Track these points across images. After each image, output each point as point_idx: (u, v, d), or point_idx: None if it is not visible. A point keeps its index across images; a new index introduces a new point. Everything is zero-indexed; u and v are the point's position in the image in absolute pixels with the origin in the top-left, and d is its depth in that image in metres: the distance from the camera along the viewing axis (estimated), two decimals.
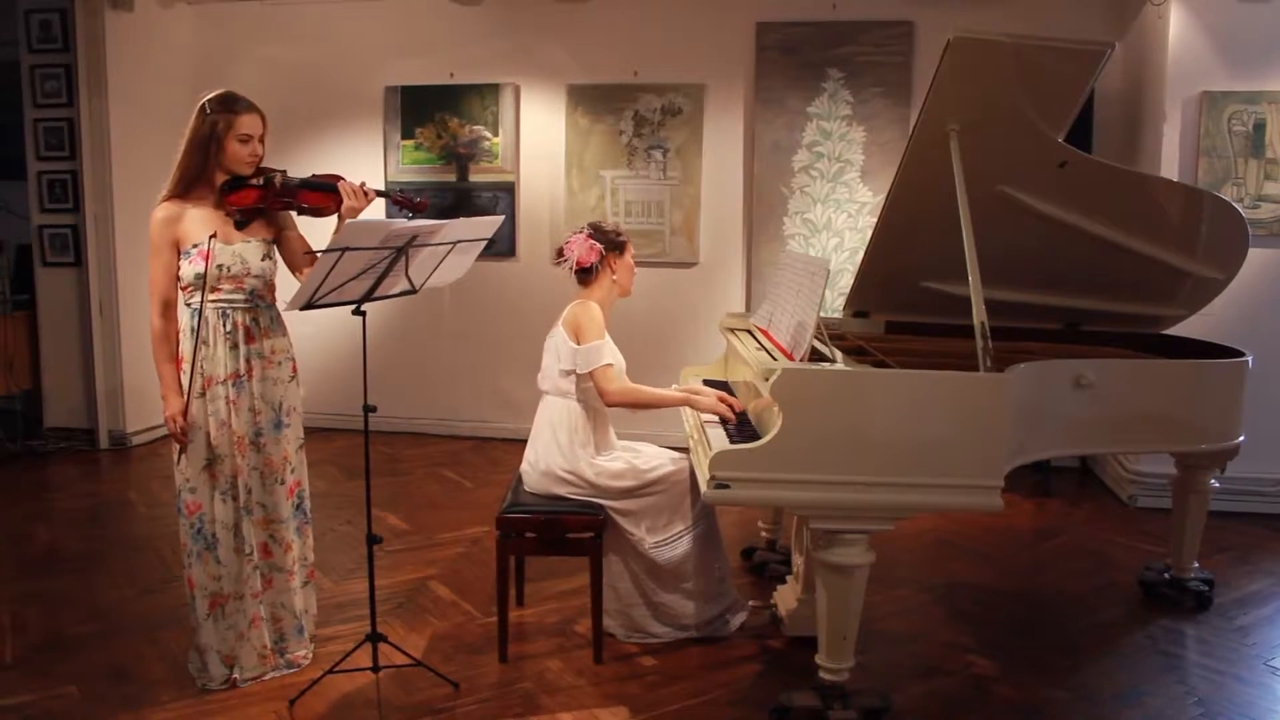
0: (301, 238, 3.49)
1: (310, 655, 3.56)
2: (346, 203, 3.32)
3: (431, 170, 6.98)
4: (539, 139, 6.88)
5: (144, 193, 6.66)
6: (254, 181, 3.34)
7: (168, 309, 3.33)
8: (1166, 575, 4.24)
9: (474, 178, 6.94)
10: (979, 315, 3.12)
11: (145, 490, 5.81)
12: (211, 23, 7.25)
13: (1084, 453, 5.64)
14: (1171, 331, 4.37)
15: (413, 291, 3.35)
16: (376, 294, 3.20)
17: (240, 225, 3.34)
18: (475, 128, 6.90)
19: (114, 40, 6.53)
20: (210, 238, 3.26)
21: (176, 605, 4.00)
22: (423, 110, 6.94)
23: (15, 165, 6.90)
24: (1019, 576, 4.54)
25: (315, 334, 6.63)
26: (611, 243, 3.73)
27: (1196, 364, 3.70)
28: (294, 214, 3.47)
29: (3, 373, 6.70)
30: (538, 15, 6.78)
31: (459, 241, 3.32)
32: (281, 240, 3.45)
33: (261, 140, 3.36)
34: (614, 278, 3.75)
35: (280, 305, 3.39)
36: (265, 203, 3.33)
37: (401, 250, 3.07)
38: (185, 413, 3.29)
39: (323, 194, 3.37)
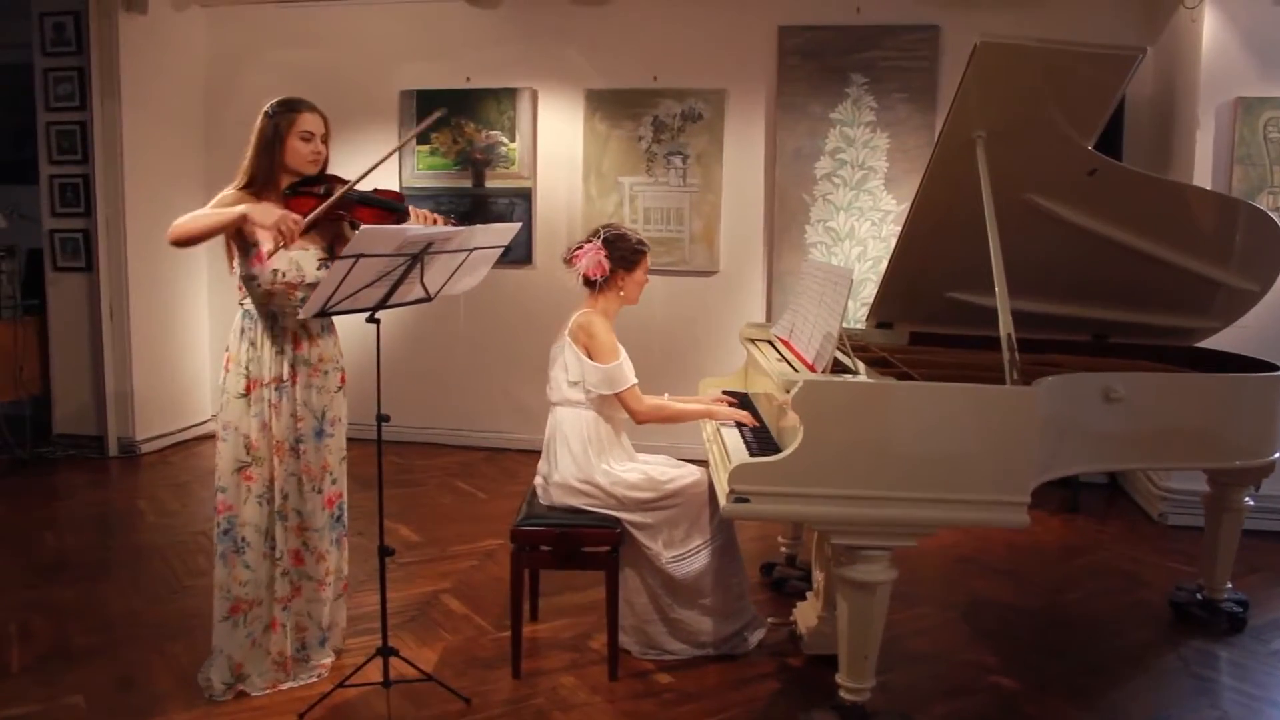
0: None
1: (330, 666, 3.58)
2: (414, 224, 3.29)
3: (447, 176, 7.01)
4: (556, 145, 6.90)
5: (156, 197, 6.72)
6: (314, 190, 3.36)
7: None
8: (1198, 596, 4.20)
9: (490, 184, 6.96)
10: (1005, 327, 3.11)
11: (154, 498, 5.84)
12: (225, 26, 7.31)
13: (1113, 469, 5.61)
14: (1205, 344, 4.34)
15: (428, 299, 3.36)
16: (391, 302, 3.22)
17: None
18: (492, 133, 6.92)
19: (127, 43, 6.58)
20: (233, 236, 3.29)
21: (185, 616, 4.03)
22: None
23: (27, 169, 6.96)
24: (1045, 595, 4.52)
25: None
26: (624, 258, 3.70)
27: (1230, 378, 3.68)
28: (348, 228, 3.48)
29: (12, 378, 6.74)
30: (556, 19, 6.80)
31: (475, 249, 3.33)
32: (336, 244, 3.48)
33: (325, 140, 3.43)
34: (621, 293, 3.75)
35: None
36: (320, 212, 3.31)
37: (417, 257, 3.08)
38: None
39: (381, 211, 3.37)
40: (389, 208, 3.39)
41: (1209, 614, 4.14)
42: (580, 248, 3.72)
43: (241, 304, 3.40)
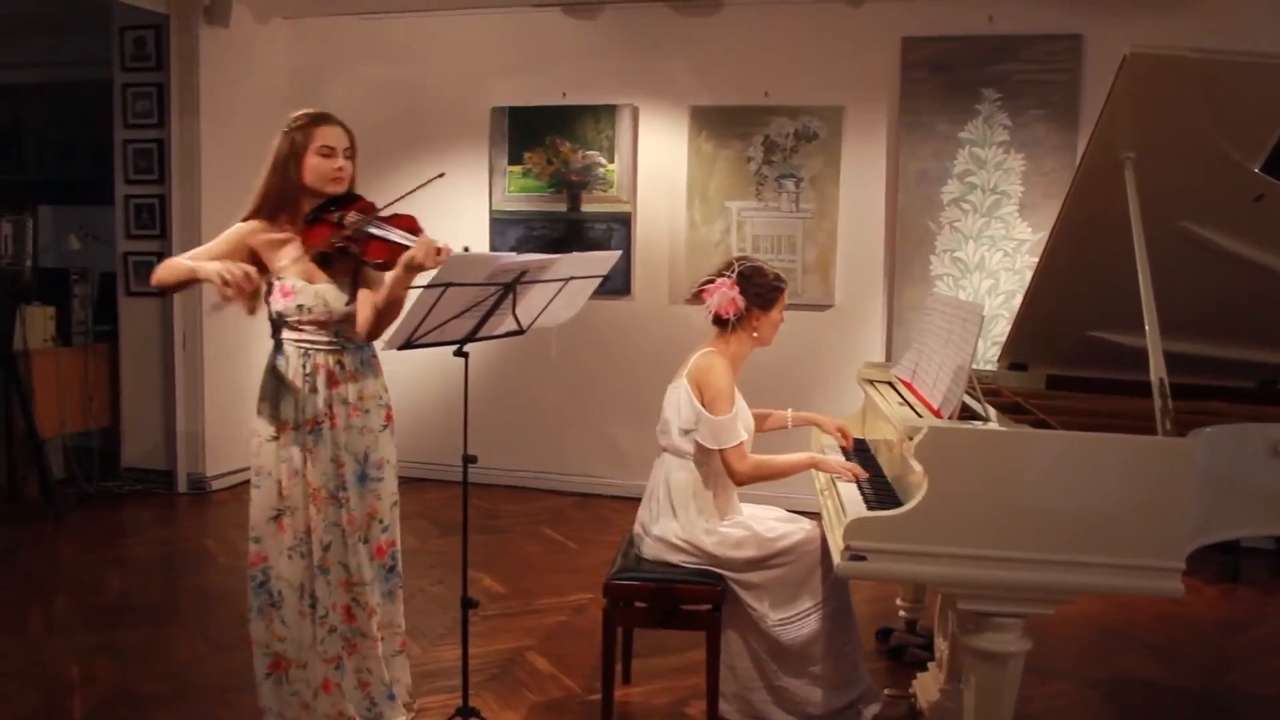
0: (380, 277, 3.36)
1: None
2: (413, 254, 3.11)
3: (540, 199, 7.11)
4: (658, 166, 6.96)
5: (233, 218, 6.91)
6: (329, 217, 3.28)
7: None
8: None
9: (586, 208, 7.05)
10: (1157, 371, 3.04)
11: (223, 539, 6.01)
12: (309, 38, 7.55)
13: None
14: None
15: (520, 332, 3.40)
16: (480, 334, 3.26)
17: (322, 263, 3.29)
18: (589, 153, 7.01)
19: (208, 57, 6.86)
20: (263, 275, 3.23)
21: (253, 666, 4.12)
22: (532, 133, 7.09)
23: (102, 189, 7.27)
24: (1200, 675, 4.39)
25: (410, 375, 6.77)
26: (760, 296, 3.71)
27: None
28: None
29: (81, 408, 7.01)
30: (659, 30, 6.88)
31: (571, 278, 3.37)
32: (360, 273, 3.37)
33: (350, 157, 3.35)
34: (754, 335, 3.76)
35: (379, 345, 3.41)
36: (328, 244, 3.23)
37: (509, 287, 3.13)
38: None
39: (393, 248, 3.19)
40: (396, 243, 3.19)
41: None
42: (711, 282, 3.74)
43: (273, 338, 3.38)
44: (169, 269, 3.23)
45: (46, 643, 4.45)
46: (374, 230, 3.22)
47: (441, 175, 3.35)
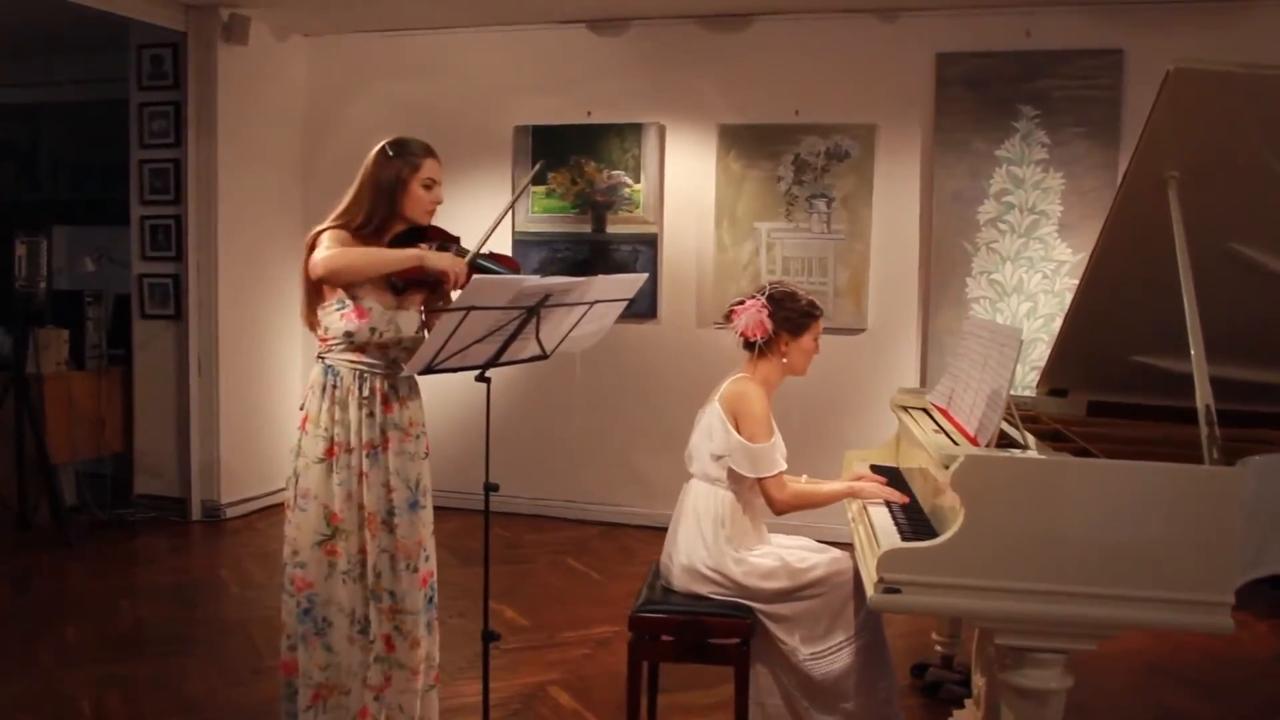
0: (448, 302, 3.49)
1: None
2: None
3: (564, 220, 7.14)
4: (686, 186, 6.98)
5: (250, 239, 7.00)
6: (421, 247, 3.37)
7: None
8: None
9: (612, 229, 7.07)
10: (1203, 397, 3.02)
11: (238, 568, 6.02)
12: (328, 56, 7.62)
13: None
14: None
15: (543, 357, 3.40)
16: (504, 358, 3.26)
17: (398, 291, 3.35)
18: (614, 173, 7.03)
19: (226, 76, 6.93)
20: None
21: (269, 699, 4.11)
22: (556, 153, 7.10)
23: (119, 210, 7.33)
24: (1251, 715, 4.33)
25: (430, 401, 6.77)
26: (790, 320, 3.69)
27: None
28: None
29: (94, 433, 7.05)
30: (686, 47, 6.91)
31: (596, 302, 3.37)
32: (429, 304, 3.50)
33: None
34: (783, 360, 3.74)
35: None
36: (428, 276, 3.32)
37: (533, 310, 3.13)
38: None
39: None
40: (505, 274, 3.33)
41: None
42: (741, 303, 3.73)
43: (323, 358, 3.40)
44: (373, 258, 3.28)
45: (57, 674, 4.46)
46: (476, 264, 3.34)
47: (539, 165, 3.46)
